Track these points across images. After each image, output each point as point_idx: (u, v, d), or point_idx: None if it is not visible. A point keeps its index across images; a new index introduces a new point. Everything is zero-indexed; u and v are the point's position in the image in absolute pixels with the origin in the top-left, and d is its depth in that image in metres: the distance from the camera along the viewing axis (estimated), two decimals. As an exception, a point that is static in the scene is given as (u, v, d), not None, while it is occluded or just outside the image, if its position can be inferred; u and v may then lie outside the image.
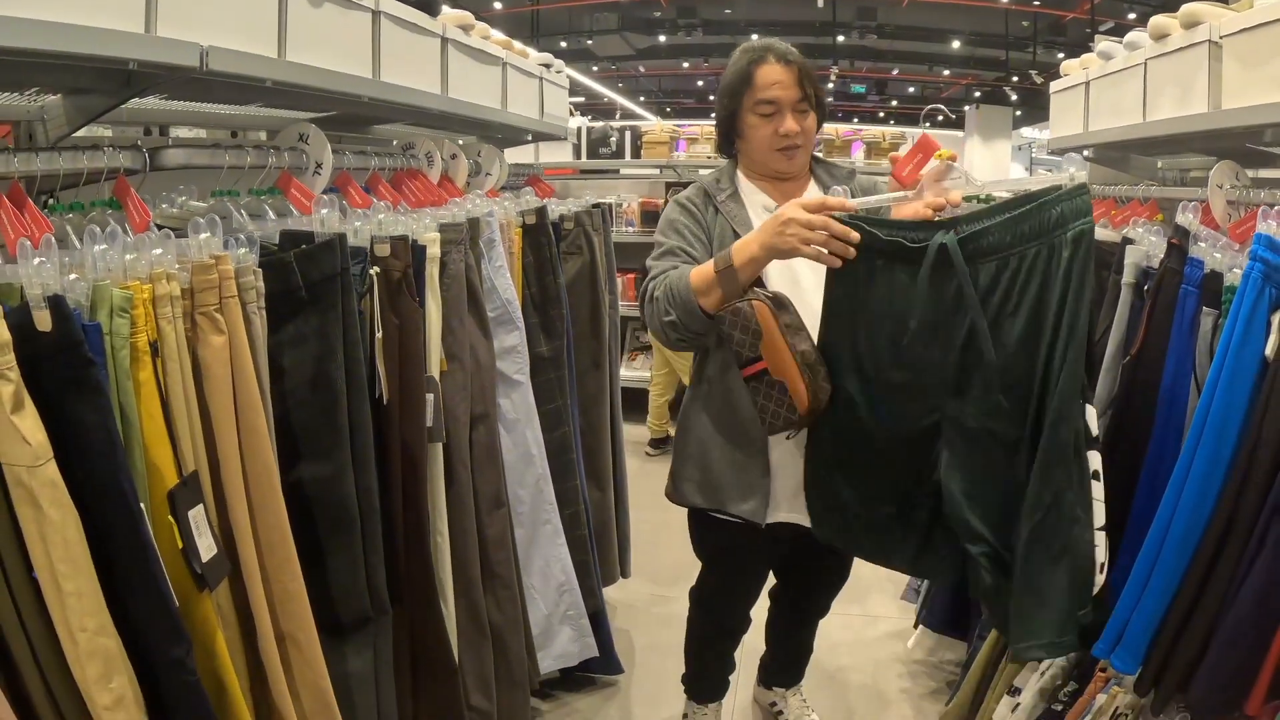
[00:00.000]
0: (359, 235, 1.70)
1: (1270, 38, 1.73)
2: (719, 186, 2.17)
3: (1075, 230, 1.62)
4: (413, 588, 1.83)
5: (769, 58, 2.07)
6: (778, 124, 2.07)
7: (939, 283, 1.70)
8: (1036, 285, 1.65)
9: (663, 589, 3.57)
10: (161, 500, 1.20)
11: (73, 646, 1.06)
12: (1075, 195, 1.63)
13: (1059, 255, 1.62)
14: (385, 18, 2.00)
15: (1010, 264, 1.66)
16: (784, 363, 1.80)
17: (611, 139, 6.50)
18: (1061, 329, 1.63)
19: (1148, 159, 2.84)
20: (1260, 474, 1.50)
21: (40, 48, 1.16)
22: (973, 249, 1.67)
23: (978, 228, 1.66)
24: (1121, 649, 1.71)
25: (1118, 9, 13.36)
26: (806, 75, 2.08)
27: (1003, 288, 1.67)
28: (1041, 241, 1.64)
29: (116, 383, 1.16)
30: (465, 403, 2.05)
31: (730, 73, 2.11)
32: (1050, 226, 1.63)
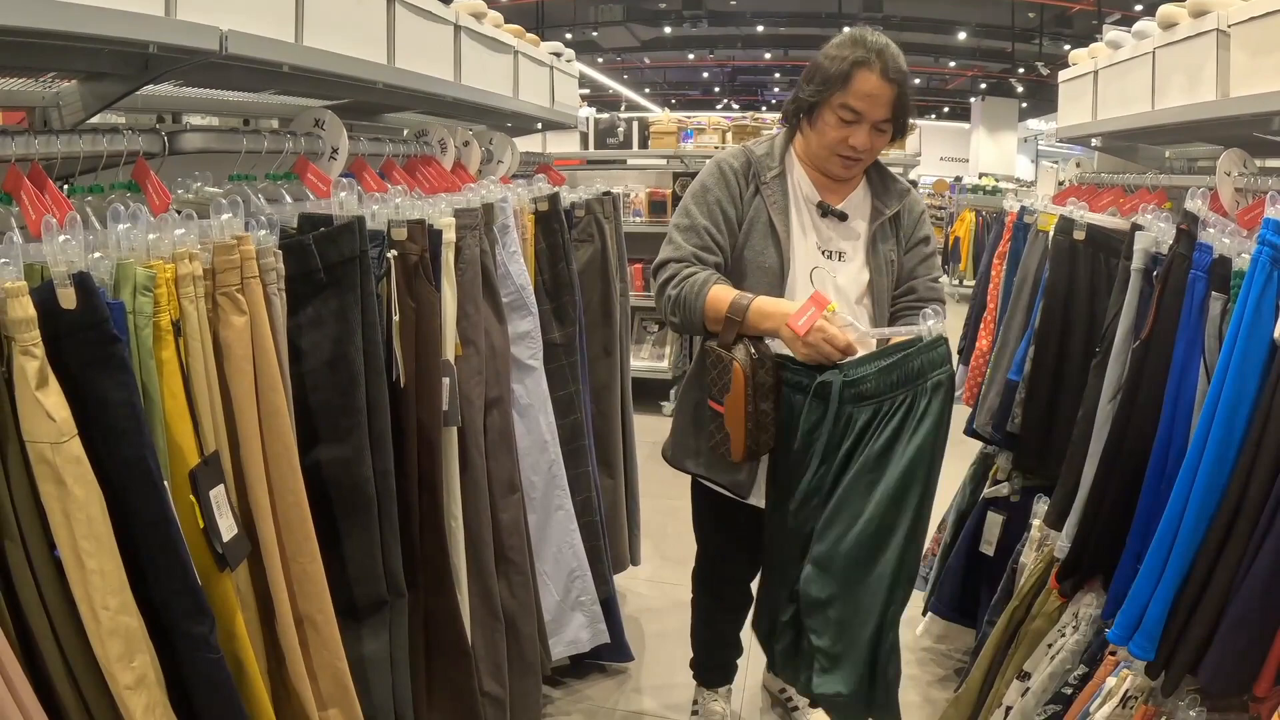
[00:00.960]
0: (376, 219, 1.71)
1: (1277, 26, 1.73)
2: (767, 163, 2.14)
3: (934, 380, 1.87)
4: (428, 571, 1.84)
5: (875, 66, 1.99)
6: (852, 134, 2.04)
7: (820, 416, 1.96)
8: (894, 427, 1.89)
9: (672, 576, 3.58)
10: (183, 479, 1.21)
11: (94, 625, 1.07)
12: (933, 348, 1.87)
13: (920, 402, 1.88)
14: (400, 4, 2.01)
15: (884, 408, 1.90)
16: (736, 421, 1.97)
17: (619, 129, 6.50)
18: (921, 464, 1.88)
19: (1156, 148, 2.85)
20: (1269, 457, 1.50)
21: (62, 29, 1.16)
22: (854, 393, 1.92)
23: (857, 375, 1.91)
24: (1140, 635, 1.71)
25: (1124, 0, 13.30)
26: (902, 96, 2.04)
27: (875, 426, 1.91)
28: (907, 389, 1.88)
29: (139, 361, 1.16)
30: (480, 387, 2.06)
31: (830, 60, 2.04)
32: (913, 376, 1.88)
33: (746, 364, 1.94)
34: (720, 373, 1.98)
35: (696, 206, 2.12)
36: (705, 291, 2.01)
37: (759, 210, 2.11)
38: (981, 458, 3.09)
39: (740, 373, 1.93)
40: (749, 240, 2.11)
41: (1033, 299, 2.65)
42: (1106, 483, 1.98)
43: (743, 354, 1.95)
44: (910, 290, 2.22)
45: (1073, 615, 2.17)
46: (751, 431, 1.97)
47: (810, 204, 2.15)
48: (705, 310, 2.01)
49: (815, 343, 1.90)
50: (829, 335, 1.89)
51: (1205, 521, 1.61)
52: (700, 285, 2.02)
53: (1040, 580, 2.36)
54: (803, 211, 2.15)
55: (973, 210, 11.98)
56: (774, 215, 2.09)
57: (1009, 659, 2.38)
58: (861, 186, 2.22)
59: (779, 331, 1.95)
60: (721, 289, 2.02)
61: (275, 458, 1.38)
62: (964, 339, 3.25)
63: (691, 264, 2.07)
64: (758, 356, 1.96)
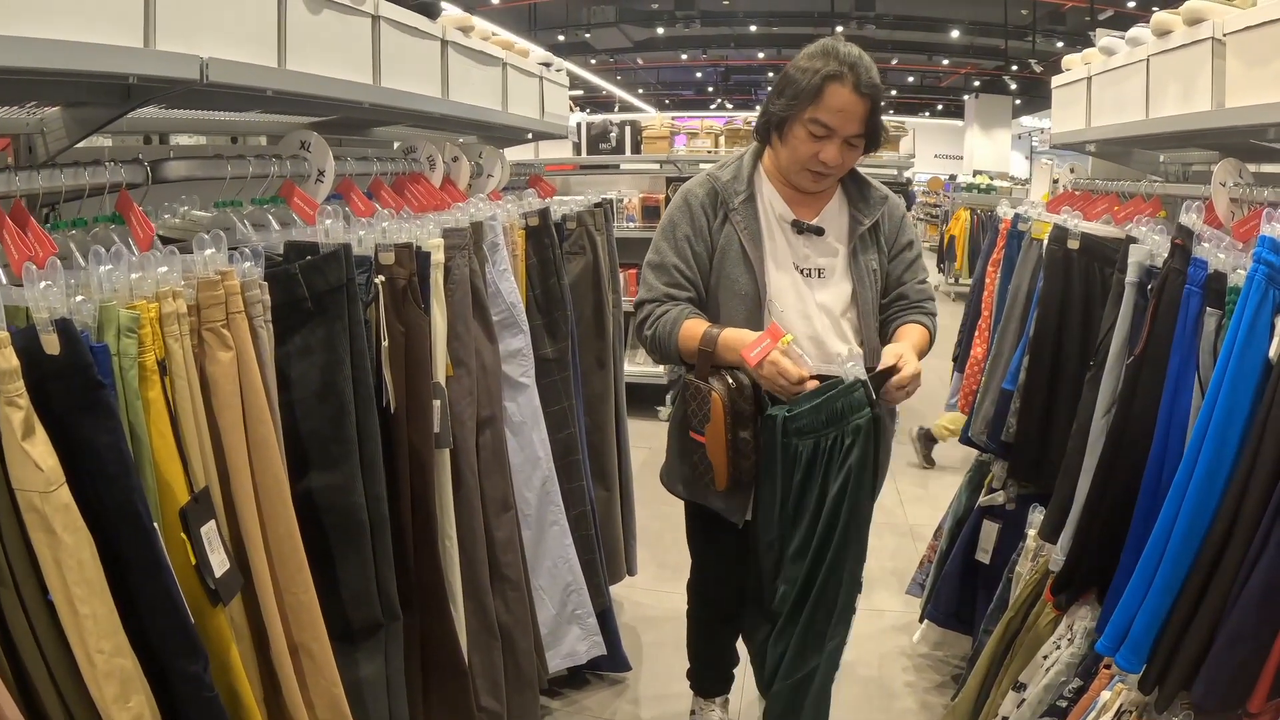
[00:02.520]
0: (363, 244, 1.70)
1: (1274, 35, 1.72)
2: (734, 188, 2.11)
3: (855, 422, 1.92)
4: (422, 592, 1.84)
5: (847, 80, 1.95)
6: (823, 149, 2.01)
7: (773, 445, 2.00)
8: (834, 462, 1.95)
9: (668, 585, 3.57)
10: (174, 518, 1.21)
11: (90, 668, 1.07)
12: (851, 391, 1.91)
13: (844, 441, 1.93)
14: (385, 22, 2.00)
15: (821, 443, 1.96)
16: (717, 450, 2.00)
17: (611, 134, 6.49)
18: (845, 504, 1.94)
19: (1150, 153, 2.84)
20: (1264, 474, 1.50)
21: (38, 66, 1.16)
22: (795, 428, 1.97)
23: (796, 411, 1.96)
24: (1126, 648, 1.72)
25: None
26: (874, 109, 2.00)
27: (818, 462, 1.97)
28: (835, 428, 1.94)
29: (126, 402, 1.16)
30: (472, 407, 2.05)
31: (801, 73, 1.99)
32: (838, 417, 1.93)
33: (724, 394, 1.97)
34: (699, 404, 2.01)
35: (666, 243, 2.13)
36: (677, 330, 2.05)
37: (730, 238, 2.10)
38: (977, 465, 3.09)
39: (719, 403, 1.97)
40: (723, 269, 2.10)
41: (1027, 308, 2.64)
42: (1101, 497, 1.98)
43: (720, 385, 1.98)
44: (901, 296, 2.22)
45: (1068, 628, 2.17)
46: (733, 460, 2.01)
47: (784, 222, 2.13)
48: (680, 347, 2.05)
49: (770, 375, 1.92)
50: (782, 368, 1.91)
51: (1197, 537, 1.61)
52: (672, 324, 2.06)
53: (1036, 591, 2.36)
54: (775, 232, 2.13)
55: (968, 209, 11.98)
56: (745, 242, 2.08)
57: (1005, 669, 2.38)
58: (837, 198, 2.19)
59: (743, 365, 1.97)
60: (693, 324, 2.04)
61: (266, 489, 1.37)
62: (959, 346, 3.25)
63: (664, 303, 2.10)
64: (735, 386, 1.99)
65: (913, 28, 16.25)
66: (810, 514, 2.00)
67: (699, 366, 2.02)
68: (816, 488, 1.98)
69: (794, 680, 2.04)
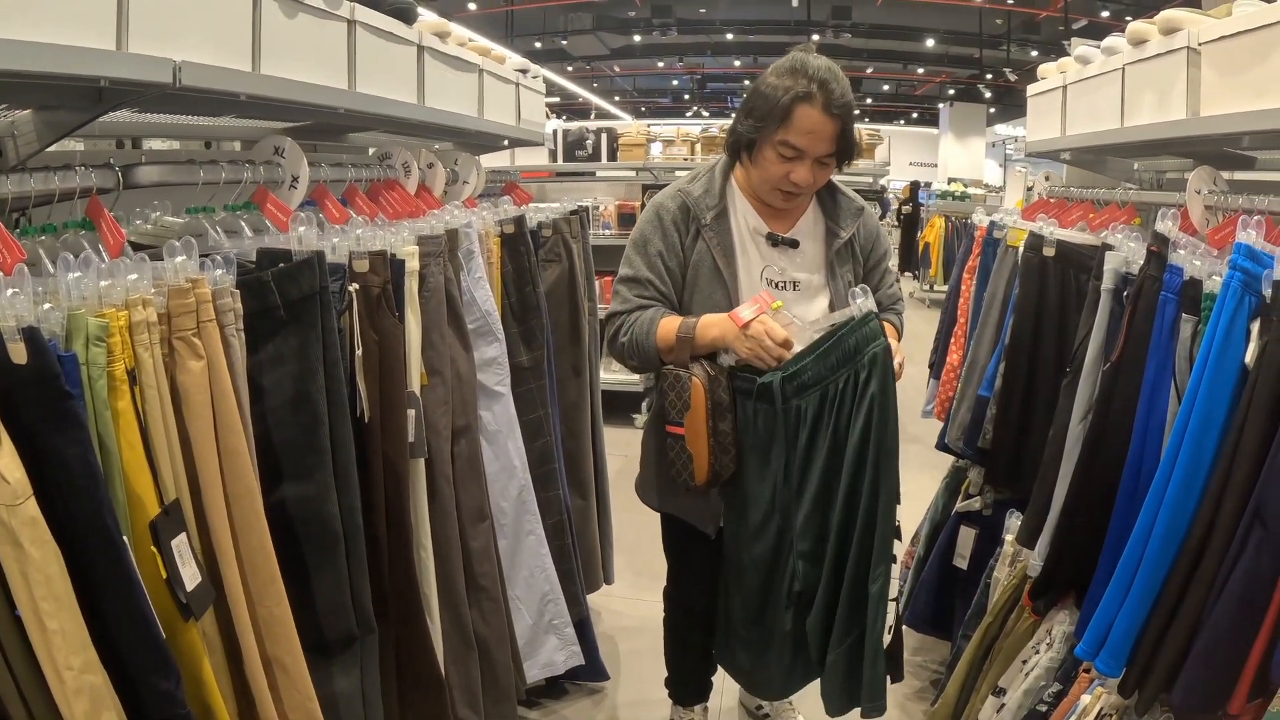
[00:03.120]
0: (337, 252, 1.68)
1: (1249, 45, 1.74)
2: (705, 203, 2.08)
3: (870, 354, 1.88)
4: (398, 604, 1.81)
5: (817, 100, 1.90)
6: (793, 169, 1.97)
7: (771, 417, 1.97)
8: (849, 404, 1.90)
9: (645, 594, 3.55)
10: (144, 530, 1.18)
11: (59, 685, 1.04)
12: (863, 324, 1.88)
13: (860, 375, 1.89)
14: (361, 27, 1.98)
15: (829, 392, 1.92)
16: (698, 439, 1.97)
17: (588, 141, 6.48)
18: (871, 438, 1.89)
19: (1124, 161, 2.86)
20: (1240, 479, 1.52)
21: (8, 68, 1.13)
22: (796, 385, 1.93)
23: (795, 368, 1.92)
24: (1105, 652, 1.73)
25: (1091, 7, 13.47)
26: (845, 128, 1.96)
27: (826, 412, 1.93)
28: (847, 368, 1.90)
29: (94, 413, 1.13)
30: (446, 416, 2.03)
31: (769, 93, 1.94)
32: (850, 354, 1.89)
33: (704, 379, 1.95)
34: (679, 393, 1.98)
35: (639, 257, 2.11)
36: (654, 327, 2.04)
37: (703, 254, 2.09)
38: (954, 471, 3.10)
39: (699, 387, 1.95)
40: (696, 285, 2.09)
41: (1003, 315, 2.65)
42: (1078, 503, 1.99)
43: (700, 370, 1.96)
44: None
45: (1046, 632, 2.18)
46: (714, 450, 1.97)
47: (758, 236, 2.12)
48: (658, 342, 2.03)
49: (756, 334, 1.90)
50: (769, 327, 1.90)
51: (1175, 541, 1.62)
52: (648, 323, 2.05)
53: (1014, 597, 2.36)
54: (749, 246, 2.12)
55: (942, 216, 12.07)
56: (718, 258, 2.07)
57: (984, 675, 2.38)
58: (812, 209, 2.17)
59: (724, 336, 1.96)
60: (669, 319, 2.04)
61: (237, 501, 1.35)
62: (935, 353, 3.26)
63: (636, 314, 2.09)
64: (714, 374, 1.97)
65: (888, 36, 16.36)
66: (821, 472, 1.95)
67: (678, 355, 2.00)
68: (826, 441, 1.94)
69: (848, 643, 1.96)
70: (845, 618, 1.96)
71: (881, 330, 1.89)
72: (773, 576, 2.07)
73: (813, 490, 1.97)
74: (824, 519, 1.97)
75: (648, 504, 2.29)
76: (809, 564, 2.00)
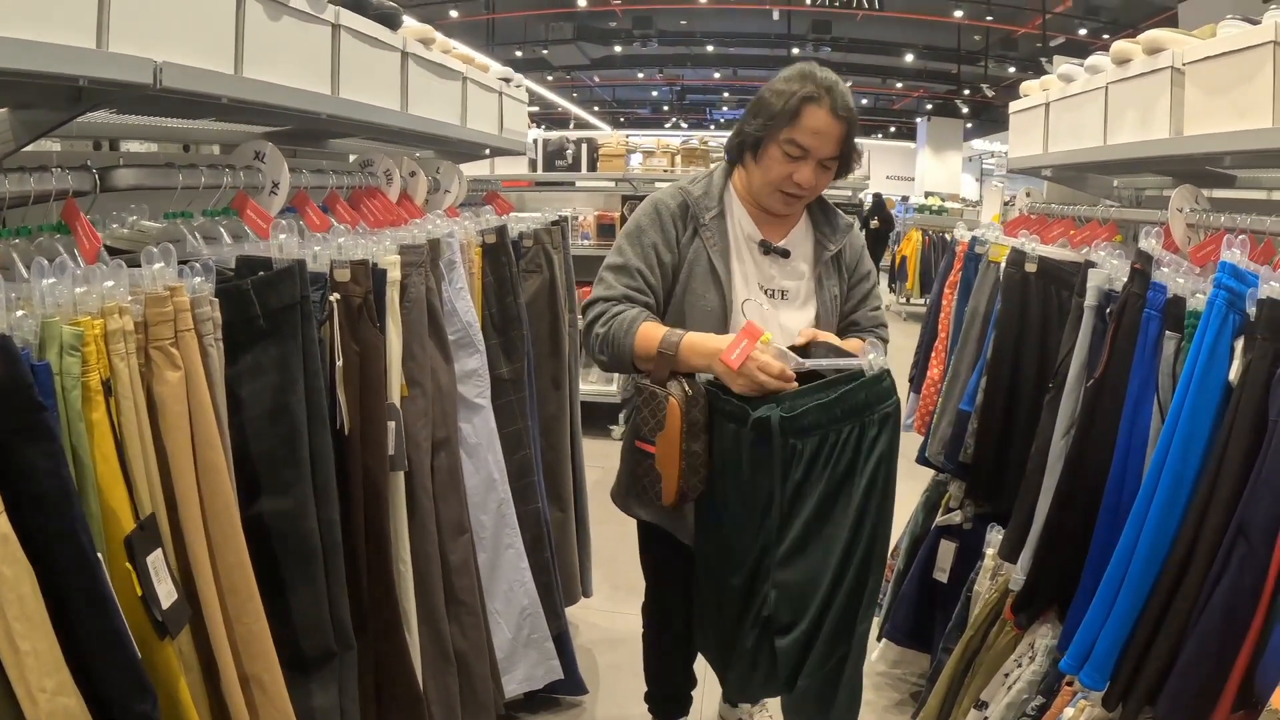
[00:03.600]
0: (318, 260, 1.64)
1: (1232, 66, 1.75)
2: (705, 204, 2.10)
3: (882, 412, 1.85)
4: (376, 618, 1.78)
5: (824, 102, 1.95)
6: (797, 170, 2.00)
7: (762, 447, 1.91)
8: (849, 457, 1.86)
9: (623, 607, 3.54)
10: (118, 546, 1.15)
11: (32, 707, 1.00)
12: (877, 382, 1.85)
13: (869, 433, 1.85)
14: (345, 32, 1.95)
15: (829, 438, 1.87)
16: (669, 460, 1.93)
17: (568, 151, 6.47)
18: (874, 495, 1.86)
19: (1104, 178, 2.88)
20: (1224, 495, 1.53)
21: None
22: (795, 427, 1.88)
23: (797, 409, 1.87)
24: (1090, 665, 1.74)
25: (1069, 25, 13.65)
26: (849, 133, 2.00)
27: (824, 457, 1.88)
28: (854, 421, 1.85)
29: (68, 424, 1.10)
30: (427, 429, 2.00)
31: (778, 95, 1.99)
32: (860, 409, 1.85)
33: (682, 400, 1.91)
34: (653, 410, 1.94)
35: (631, 247, 2.08)
36: (635, 329, 1.98)
37: (699, 253, 2.08)
38: (934, 485, 3.10)
39: (676, 409, 1.90)
40: (690, 283, 2.07)
41: (984, 330, 2.66)
42: (1061, 517, 1.99)
43: (678, 390, 1.91)
44: (854, 324, 2.22)
45: (1029, 646, 2.18)
46: (685, 473, 1.94)
47: (752, 242, 2.12)
48: (635, 347, 1.97)
49: (750, 372, 1.86)
50: (763, 364, 1.86)
51: (1159, 556, 1.63)
52: (630, 322, 1.99)
53: (995, 610, 2.36)
54: (743, 251, 2.12)
55: (919, 230, 12.15)
56: (714, 257, 2.07)
57: (965, 688, 2.38)
58: (803, 222, 2.19)
59: (712, 367, 1.91)
60: (652, 325, 1.99)
61: (215, 516, 1.31)
62: (915, 367, 3.26)
63: (621, 303, 2.04)
64: (691, 394, 1.92)
65: (867, 51, 16.50)
66: (811, 513, 1.90)
67: (656, 371, 1.96)
68: (821, 483, 1.89)
69: (826, 670, 1.93)
70: (824, 651, 1.94)
71: (894, 389, 1.86)
72: (746, 602, 2.04)
73: (799, 526, 1.92)
74: (807, 556, 1.93)
75: (626, 512, 2.26)
76: (784, 595, 1.96)
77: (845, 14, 13.90)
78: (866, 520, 1.87)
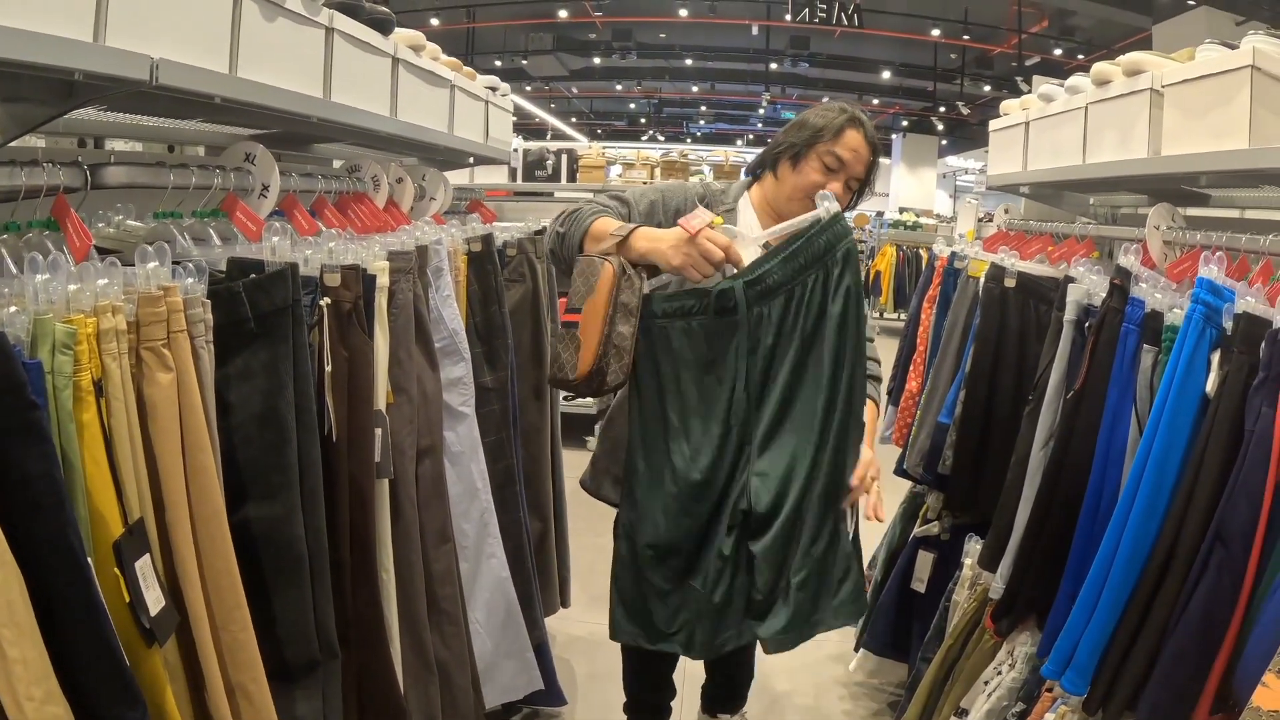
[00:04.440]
0: (309, 264, 1.64)
1: (1210, 88, 1.80)
2: (722, 198, 2.21)
3: (843, 250, 1.88)
4: (360, 628, 1.76)
5: (863, 130, 2.13)
6: (829, 180, 2.11)
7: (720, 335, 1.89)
8: (818, 301, 1.88)
9: (602, 616, 3.50)
10: (106, 551, 1.13)
11: (19, 715, 0.98)
12: (833, 224, 1.88)
13: (834, 272, 1.87)
14: (339, 35, 1.95)
15: (795, 293, 1.88)
16: (591, 327, 1.85)
17: (548, 162, 6.48)
18: (849, 329, 1.87)
19: (1081, 196, 2.93)
20: (1202, 504, 1.56)
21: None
22: (760, 290, 1.87)
23: (759, 273, 1.87)
24: (1071, 670, 1.77)
25: (1044, 45, 13.82)
26: (875, 161, 2.16)
27: (793, 313, 1.88)
28: (817, 267, 1.87)
29: (58, 425, 1.08)
30: (412, 436, 1.99)
31: (820, 116, 2.15)
32: (822, 253, 1.87)
33: (616, 267, 1.86)
34: (586, 278, 1.88)
35: (634, 193, 2.14)
36: (594, 219, 1.98)
37: None
38: (911, 497, 3.13)
39: (610, 272, 1.85)
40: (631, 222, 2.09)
41: (963, 343, 2.69)
42: (1040, 526, 2.01)
43: (616, 261, 1.87)
44: None
45: (1008, 653, 2.20)
46: (604, 344, 1.86)
47: (756, 244, 2.16)
48: (587, 231, 1.97)
49: (702, 244, 1.84)
50: (713, 236, 1.84)
51: (1138, 563, 1.66)
52: (590, 215, 2.00)
53: (974, 619, 2.38)
54: (746, 248, 2.16)
55: (893, 245, 12.24)
56: None
57: (945, 696, 2.40)
58: None
59: (656, 247, 1.89)
60: (611, 218, 2.00)
61: (203, 521, 1.30)
62: (893, 380, 3.29)
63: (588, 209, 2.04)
64: (629, 274, 1.88)
65: (845, 68, 16.62)
66: (785, 381, 1.88)
67: (602, 247, 1.93)
68: (793, 346, 1.88)
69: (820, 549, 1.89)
70: (814, 525, 1.88)
71: (850, 229, 1.90)
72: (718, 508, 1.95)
73: (775, 401, 1.90)
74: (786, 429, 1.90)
75: (597, 495, 2.27)
76: (765, 481, 1.90)
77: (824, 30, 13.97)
78: (844, 365, 1.87)
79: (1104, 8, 11.56)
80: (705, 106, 22.79)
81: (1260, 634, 1.42)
